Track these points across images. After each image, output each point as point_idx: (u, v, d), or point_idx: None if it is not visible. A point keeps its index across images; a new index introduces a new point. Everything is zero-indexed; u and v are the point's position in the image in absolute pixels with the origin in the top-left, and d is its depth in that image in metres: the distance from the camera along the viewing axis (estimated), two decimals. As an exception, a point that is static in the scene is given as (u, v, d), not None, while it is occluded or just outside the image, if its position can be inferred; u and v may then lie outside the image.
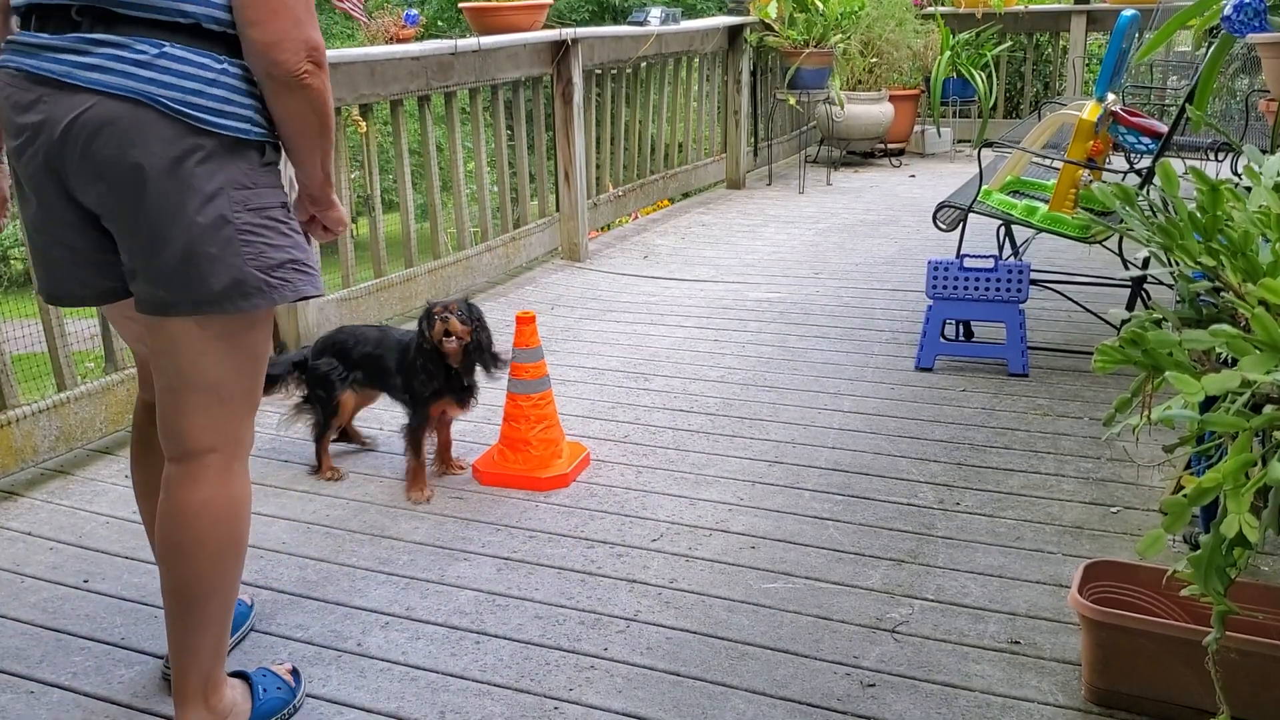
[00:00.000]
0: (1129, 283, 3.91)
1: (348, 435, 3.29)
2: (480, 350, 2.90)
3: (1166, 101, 6.64)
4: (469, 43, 4.63)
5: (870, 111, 7.96)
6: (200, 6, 1.66)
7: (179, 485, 1.82)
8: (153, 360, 1.83)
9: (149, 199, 1.67)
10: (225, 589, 1.87)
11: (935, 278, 3.82)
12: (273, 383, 3.02)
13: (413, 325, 2.99)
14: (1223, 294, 1.67)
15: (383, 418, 3.52)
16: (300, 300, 1.82)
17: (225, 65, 1.69)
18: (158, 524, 1.85)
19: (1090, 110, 3.83)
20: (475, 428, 3.38)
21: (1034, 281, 3.89)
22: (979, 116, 8.42)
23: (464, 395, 2.95)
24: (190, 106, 1.66)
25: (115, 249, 1.77)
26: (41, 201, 1.76)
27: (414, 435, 2.95)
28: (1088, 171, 3.85)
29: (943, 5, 8.80)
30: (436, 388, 2.90)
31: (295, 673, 2.11)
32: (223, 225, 1.70)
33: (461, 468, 3.10)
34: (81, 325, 3.80)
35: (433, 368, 2.88)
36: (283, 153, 1.82)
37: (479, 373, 2.93)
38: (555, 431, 3.07)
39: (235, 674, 2.03)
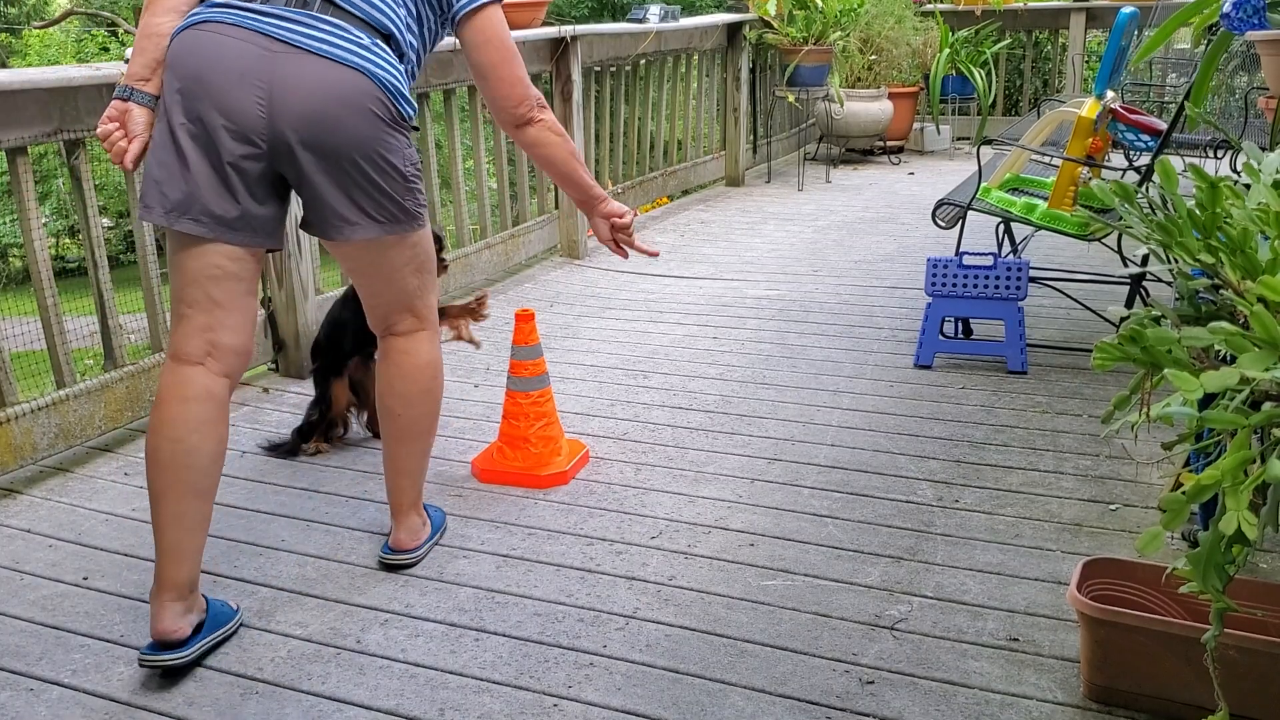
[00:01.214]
0: (1128, 280, 3.91)
1: None
2: None
3: (1166, 99, 6.64)
4: (468, 40, 4.62)
5: (869, 109, 7.95)
6: (395, 27, 2.19)
7: (407, 353, 2.43)
8: (367, 285, 2.39)
9: (356, 149, 2.13)
10: (434, 425, 2.53)
11: (934, 275, 3.83)
12: None
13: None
14: (1222, 291, 1.67)
15: (382, 415, 3.52)
16: (422, 230, 2.34)
17: (402, 67, 2.21)
18: (389, 382, 2.44)
19: (1089, 108, 3.83)
20: (475, 425, 3.38)
21: (1033, 279, 3.90)
22: (978, 114, 8.42)
23: None
24: (391, 86, 2.15)
25: (266, 202, 2.16)
26: (233, 134, 2.07)
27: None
28: (1087, 169, 3.85)
29: (942, 2, 8.80)
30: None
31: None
32: (398, 173, 2.21)
33: None
34: (80, 323, 3.80)
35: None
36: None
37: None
38: (554, 429, 3.07)
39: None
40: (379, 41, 2.15)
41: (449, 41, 2.40)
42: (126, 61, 3.18)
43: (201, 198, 2.09)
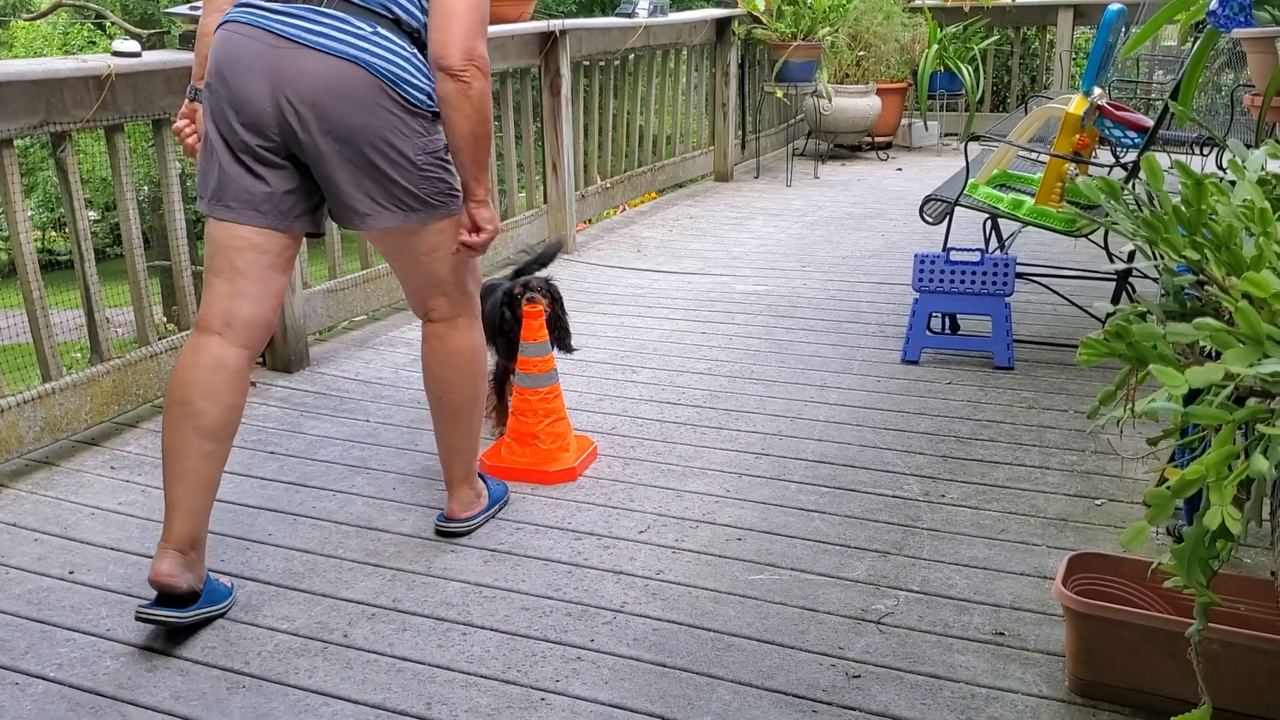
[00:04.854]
0: (1114, 276, 3.93)
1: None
2: (557, 325, 3.14)
3: (1152, 96, 6.66)
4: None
5: (858, 104, 7.96)
6: (399, 8, 2.21)
7: (443, 339, 2.51)
8: (397, 268, 2.48)
9: (360, 139, 2.20)
10: (479, 405, 2.64)
11: (921, 271, 3.83)
12: None
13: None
14: (1207, 287, 1.68)
15: (369, 409, 3.52)
16: (450, 217, 2.37)
17: (413, 51, 2.24)
18: (430, 368, 2.54)
19: (1076, 104, 3.84)
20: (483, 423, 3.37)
21: (1020, 275, 3.91)
22: (966, 110, 8.43)
23: None
24: (391, 75, 2.19)
25: (289, 187, 2.28)
26: (246, 126, 2.20)
27: (496, 382, 3.25)
28: (1074, 165, 3.86)
29: (930, -1, 8.81)
30: (509, 347, 3.16)
31: (497, 480, 2.89)
32: (407, 160, 2.26)
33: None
34: (67, 316, 3.79)
35: (513, 336, 3.12)
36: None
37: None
38: (563, 425, 3.06)
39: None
40: (381, 29, 2.20)
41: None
42: (114, 54, 3.17)
43: (230, 186, 2.25)
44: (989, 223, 4.46)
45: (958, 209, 4.00)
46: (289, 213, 2.31)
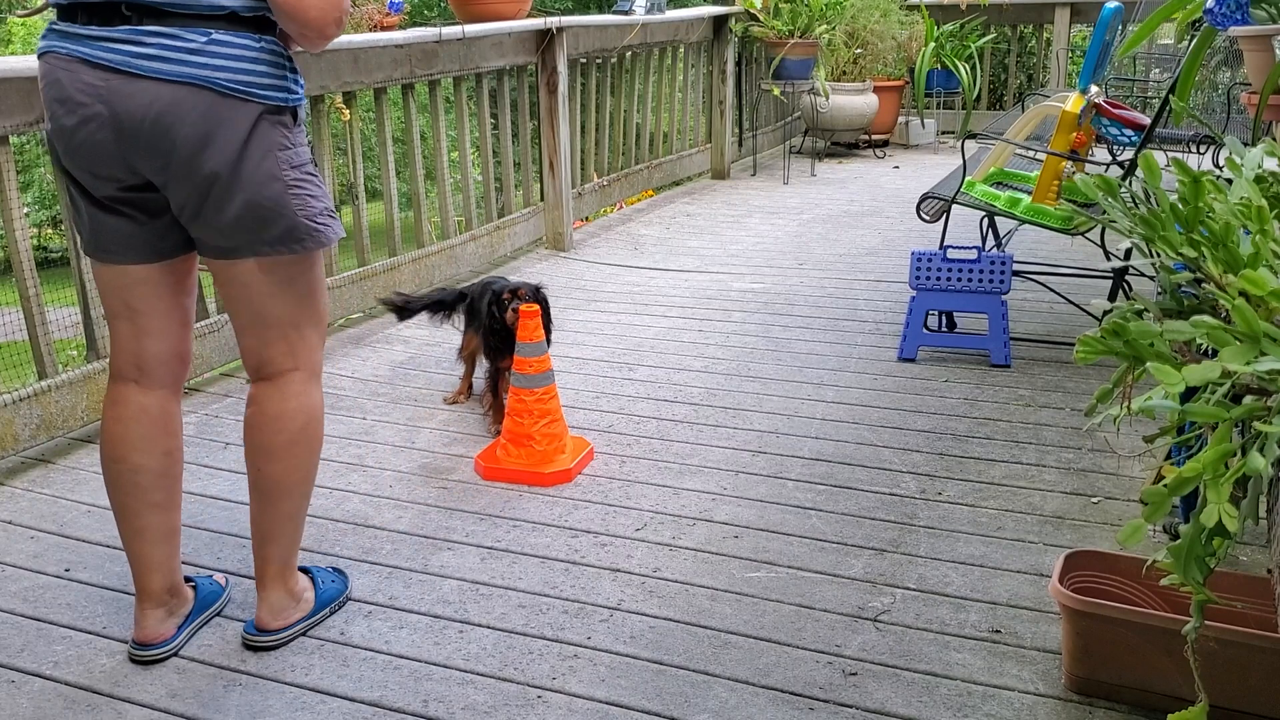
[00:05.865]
0: (1111, 274, 3.93)
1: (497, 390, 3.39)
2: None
3: (1149, 94, 6.67)
4: (453, 31, 4.61)
5: (855, 102, 7.96)
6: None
7: (268, 399, 2.14)
8: (228, 305, 2.14)
9: (212, 166, 1.93)
10: (305, 485, 2.21)
11: (918, 269, 3.83)
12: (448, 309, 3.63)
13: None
14: (1204, 285, 1.68)
15: (366, 406, 3.51)
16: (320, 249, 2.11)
17: (262, 44, 1.94)
18: (249, 432, 2.16)
19: (1073, 102, 3.84)
20: (480, 420, 3.37)
21: (1017, 273, 3.91)
22: (963, 108, 8.44)
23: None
24: (240, 84, 1.91)
25: (162, 216, 2.03)
26: (97, 175, 1.98)
27: (491, 380, 3.36)
28: (1071, 163, 3.86)
29: (927, -4, 8.82)
30: (498, 348, 3.26)
31: (340, 571, 2.46)
32: (274, 182, 1.98)
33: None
34: (63, 313, 3.77)
35: (498, 340, 3.23)
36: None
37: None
38: (559, 426, 3.05)
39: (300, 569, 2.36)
40: (217, 34, 1.90)
41: (432, 32, 2.33)
42: None
43: (103, 233, 2.05)
44: (986, 220, 4.46)
45: (955, 207, 4.00)
46: (173, 242, 2.07)
